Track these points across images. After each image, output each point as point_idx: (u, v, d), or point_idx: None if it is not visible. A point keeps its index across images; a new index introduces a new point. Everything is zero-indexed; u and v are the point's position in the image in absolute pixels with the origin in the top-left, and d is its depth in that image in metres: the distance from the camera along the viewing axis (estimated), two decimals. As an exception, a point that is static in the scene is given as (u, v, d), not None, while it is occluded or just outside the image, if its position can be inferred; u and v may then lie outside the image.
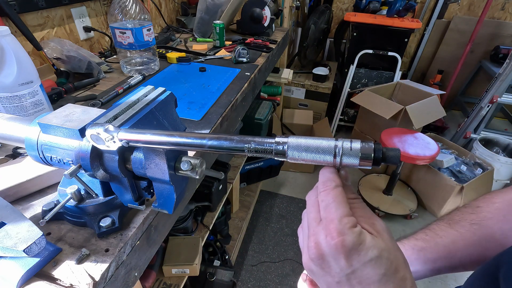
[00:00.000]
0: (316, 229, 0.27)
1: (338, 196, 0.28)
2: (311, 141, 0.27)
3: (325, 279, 0.27)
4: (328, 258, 0.26)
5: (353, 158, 0.26)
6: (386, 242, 0.26)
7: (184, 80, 0.98)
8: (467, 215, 0.48)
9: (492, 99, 2.08)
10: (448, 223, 0.49)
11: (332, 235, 0.25)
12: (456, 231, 0.47)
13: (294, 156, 0.27)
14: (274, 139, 0.27)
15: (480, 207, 0.48)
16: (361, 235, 0.25)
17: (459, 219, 0.49)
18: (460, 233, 0.47)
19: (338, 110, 2.57)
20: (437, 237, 0.48)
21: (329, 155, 0.26)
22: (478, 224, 0.46)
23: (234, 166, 1.55)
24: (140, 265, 0.50)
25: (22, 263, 0.39)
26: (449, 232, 0.48)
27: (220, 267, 1.32)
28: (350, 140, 0.26)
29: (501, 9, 2.63)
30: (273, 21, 1.54)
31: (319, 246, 0.26)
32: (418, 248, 0.48)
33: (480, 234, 0.45)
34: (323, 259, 0.26)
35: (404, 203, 1.98)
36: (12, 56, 0.57)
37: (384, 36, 2.23)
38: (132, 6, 0.91)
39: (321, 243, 0.26)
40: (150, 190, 0.40)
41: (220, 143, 0.28)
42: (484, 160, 1.94)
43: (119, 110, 0.37)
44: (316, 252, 0.26)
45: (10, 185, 0.48)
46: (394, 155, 0.26)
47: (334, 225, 0.26)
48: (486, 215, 0.46)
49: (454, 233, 0.47)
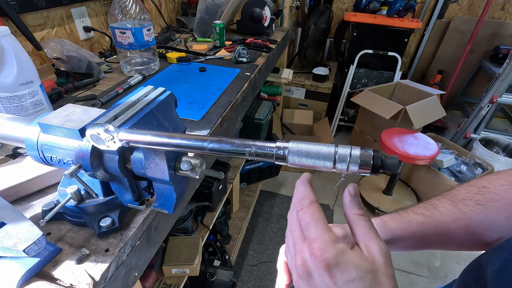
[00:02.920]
0: (301, 247, 0.28)
1: (315, 213, 0.28)
2: (311, 146, 0.27)
3: None
4: (314, 275, 0.27)
5: (352, 164, 0.26)
6: (376, 265, 0.26)
7: (184, 80, 0.98)
8: (472, 195, 0.47)
9: (492, 99, 2.08)
10: (452, 200, 0.48)
11: (316, 254, 0.26)
12: (459, 209, 0.46)
13: (294, 161, 0.27)
14: (275, 143, 0.28)
15: (486, 187, 0.47)
16: (344, 254, 0.26)
17: (463, 198, 0.47)
18: (463, 212, 0.46)
19: (338, 110, 2.57)
20: (438, 213, 0.47)
21: (329, 161, 0.27)
22: (483, 205, 0.45)
23: (234, 166, 1.55)
24: (140, 265, 0.50)
25: (22, 263, 0.39)
26: (451, 210, 0.47)
27: (220, 267, 1.32)
28: (350, 147, 0.27)
29: (501, 9, 2.63)
30: (273, 21, 1.54)
31: (306, 264, 0.27)
32: (416, 222, 0.48)
33: (484, 215, 0.44)
34: (310, 276, 0.27)
35: (404, 203, 1.98)
36: (12, 56, 0.57)
37: (384, 36, 2.23)
38: (132, 6, 0.91)
39: (307, 260, 0.27)
40: (150, 190, 0.40)
41: (221, 146, 0.28)
42: (484, 160, 1.94)
43: (119, 110, 0.37)
44: (303, 269, 0.27)
45: (10, 185, 0.48)
46: (392, 163, 0.26)
47: (317, 244, 0.26)
48: (492, 197, 0.45)
49: (457, 212, 0.46)
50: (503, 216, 0.43)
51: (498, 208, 0.43)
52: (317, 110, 2.62)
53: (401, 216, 0.50)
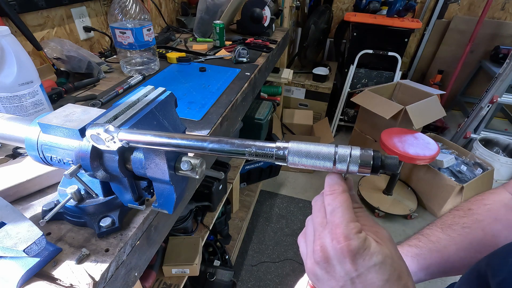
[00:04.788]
0: (322, 233, 0.28)
1: (345, 201, 0.28)
2: (311, 147, 0.27)
3: (330, 283, 0.27)
4: (334, 261, 0.26)
5: (352, 165, 0.26)
6: (390, 250, 0.27)
7: (184, 80, 0.98)
8: (458, 219, 0.48)
9: (492, 99, 2.08)
10: (441, 227, 0.49)
11: (339, 239, 0.26)
12: (448, 235, 0.47)
13: (294, 162, 0.27)
14: (275, 143, 0.28)
15: (471, 209, 0.48)
16: (366, 241, 0.26)
17: (451, 223, 0.48)
18: (452, 237, 0.47)
19: (338, 110, 2.57)
20: (430, 243, 0.48)
21: (329, 162, 0.27)
22: (469, 227, 0.46)
23: (234, 166, 1.55)
24: (140, 265, 0.50)
25: (22, 263, 0.38)
26: (441, 237, 0.48)
27: (220, 267, 1.32)
28: (350, 147, 0.27)
29: (501, 9, 2.63)
30: (273, 21, 1.54)
31: (325, 250, 0.27)
32: (411, 254, 0.49)
33: (471, 237, 0.45)
34: (328, 263, 0.27)
35: (404, 203, 1.98)
36: (12, 56, 0.57)
37: (384, 36, 2.23)
38: (132, 6, 0.91)
39: (327, 246, 0.27)
40: (150, 190, 0.40)
41: (221, 146, 0.28)
42: (484, 160, 1.94)
43: (119, 110, 0.37)
44: (322, 255, 0.27)
45: (10, 185, 0.48)
46: (392, 163, 0.26)
47: (340, 230, 0.26)
48: (477, 218, 0.46)
49: (446, 238, 0.47)
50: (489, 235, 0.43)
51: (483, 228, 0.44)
52: (317, 110, 2.62)
53: None
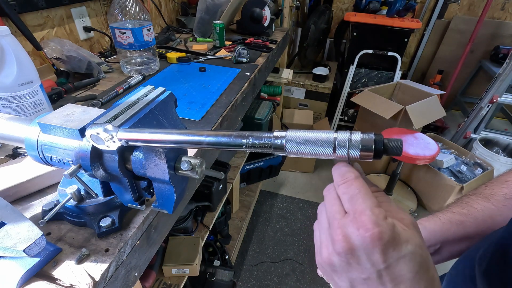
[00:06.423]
0: (342, 222, 0.25)
1: (363, 186, 0.25)
2: (309, 134, 0.26)
3: (350, 275, 0.25)
4: (359, 252, 0.24)
5: (353, 150, 0.25)
6: (419, 238, 0.24)
7: (184, 80, 0.98)
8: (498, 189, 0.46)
9: (492, 99, 2.08)
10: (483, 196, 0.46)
11: (367, 227, 0.23)
12: (493, 205, 0.44)
13: (293, 150, 0.26)
14: (272, 133, 0.27)
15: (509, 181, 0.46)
16: (395, 228, 0.23)
17: (491, 193, 0.46)
18: (497, 207, 0.44)
19: (338, 110, 2.57)
20: (475, 211, 0.45)
21: (329, 148, 0.25)
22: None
23: (234, 166, 1.55)
24: (140, 265, 0.50)
25: (22, 263, 0.38)
26: (486, 206, 0.45)
27: (220, 267, 1.32)
28: (350, 132, 0.26)
29: (501, 9, 2.63)
30: (273, 21, 1.54)
31: (348, 239, 0.24)
32: (456, 221, 0.45)
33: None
34: (352, 253, 0.24)
35: (404, 203, 1.98)
36: (12, 56, 0.57)
37: (384, 36, 2.23)
38: (132, 6, 0.91)
39: (350, 236, 0.24)
40: (150, 190, 0.40)
41: (218, 139, 0.28)
42: (484, 160, 1.94)
43: (119, 110, 0.37)
44: (344, 246, 0.24)
45: (10, 185, 0.48)
46: (396, 145, 0.24)
47: (367, 216, 0.23)
48: None
49: (491, 207, 0.44)
50: None
51: None
52: (317, 110, 2.62)
53: (439, 218, 0.47)
